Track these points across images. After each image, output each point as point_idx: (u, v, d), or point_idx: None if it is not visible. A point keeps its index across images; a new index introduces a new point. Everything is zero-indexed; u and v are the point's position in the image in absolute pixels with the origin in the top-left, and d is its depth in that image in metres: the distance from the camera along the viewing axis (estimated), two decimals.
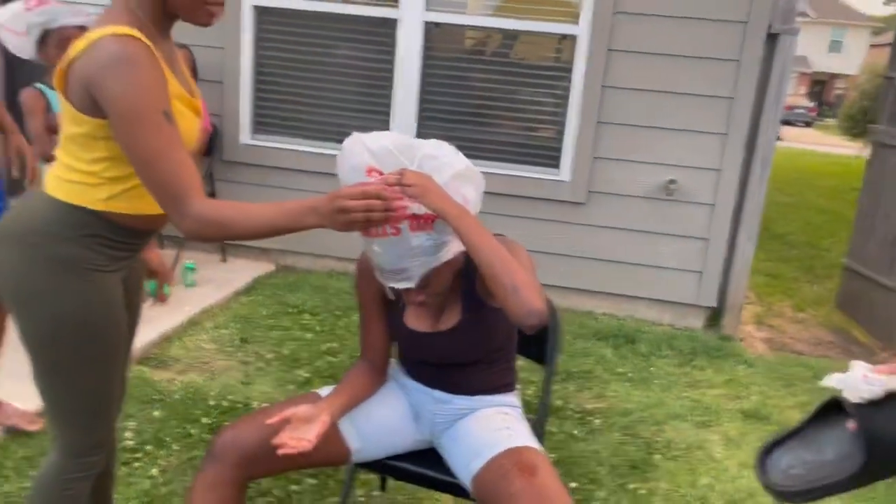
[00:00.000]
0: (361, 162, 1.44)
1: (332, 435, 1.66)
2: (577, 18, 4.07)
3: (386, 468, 1.82)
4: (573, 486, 2.53)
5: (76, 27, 2.68)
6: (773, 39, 3.92)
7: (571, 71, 4.14)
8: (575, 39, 4.10)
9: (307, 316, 3.84)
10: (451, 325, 1.68)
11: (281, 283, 4.31)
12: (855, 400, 1.16)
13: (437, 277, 1.56)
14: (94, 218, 1.41)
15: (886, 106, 4.80)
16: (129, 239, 1.48)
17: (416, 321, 1.72)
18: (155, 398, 2.85)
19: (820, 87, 45.86)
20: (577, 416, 3.05)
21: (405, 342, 1.77)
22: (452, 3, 4.24)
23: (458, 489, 1.70)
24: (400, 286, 1.54)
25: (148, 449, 2.50)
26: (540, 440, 1.75)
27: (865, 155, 5.39)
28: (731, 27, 3.91)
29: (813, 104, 36.19)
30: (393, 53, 4.29)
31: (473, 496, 1.61)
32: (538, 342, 1.93)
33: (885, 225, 4.60)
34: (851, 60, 41.99)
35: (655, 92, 4.05)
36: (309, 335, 3.61)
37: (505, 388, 1.80)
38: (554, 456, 2.70)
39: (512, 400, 1.80)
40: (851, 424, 1.17)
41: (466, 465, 1.64)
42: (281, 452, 1.49)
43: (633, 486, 2.58)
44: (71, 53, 1.32)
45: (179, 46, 1.69)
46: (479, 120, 4.36)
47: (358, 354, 1.84)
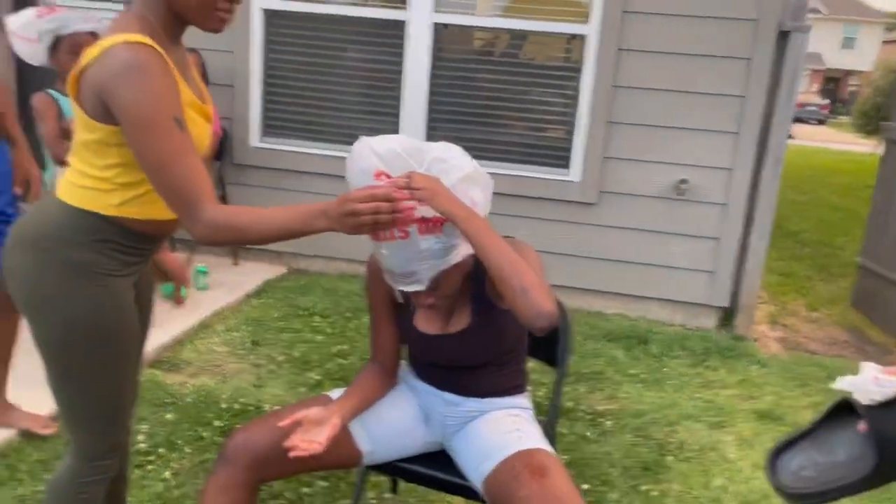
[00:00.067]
0: (370, 165, 1.45)
1: (342, 437, 1.66)
2: (586, 18, 4.06)
3: (397, 470, 1.82)
4: (585, 487, 2.52)
5: (87, 33, 2.71)
6: (784, 37, 3.89)
7: (581, 71, 4.13)
8: (584, 39, 4.09)
9: (318, 318, 3.84)
10: (460, 327, 1.68)
11: (292, 285, 4.32)
12: (865, 402, 1.15)
13: (446, 280, 1.55)
14: (106, 223, 1.42)
15: None
16: (140, 244, 1.49)
17: (425, 324, 1.72)
18: (167, 401, 2.86)
19: (833, 83, 45.53)
20: (588, 417, 3.04)
21: (415, 345, 1.77)
22: (460, 4, 4.24)
23: (469, 491, 1.70)
24: (409, 289, 1.54)
25: (161, 452, 2.51)
26: (551, 442, 1.74)
27: (879, 152, 5.35)
28: (741, 25, 3.89)
29: (826, 101, 35.92)
30: (401, 55, 4.30)
31: (484, 498, 1.61)
32: (549, 344, 1.92)
33: None
34: (865, 57, 41.63)
35: (666, 91, 4.03)
36: (320, 337, 3.61)
37: (515, 390, 1.79)
38: (566, 458, 2.69)
39: (522, 402, 1.80)
40: (862, 426, 1.16)
41: (477, 467, 1.64)
42: (292, 455, 1.50)
43: (645, 487, 2.57)
44: (83, 61, 1.33)
45: (189, 51, 1.70)
46: (488, 121, 4.36)
47: (368, 357, 1.84)
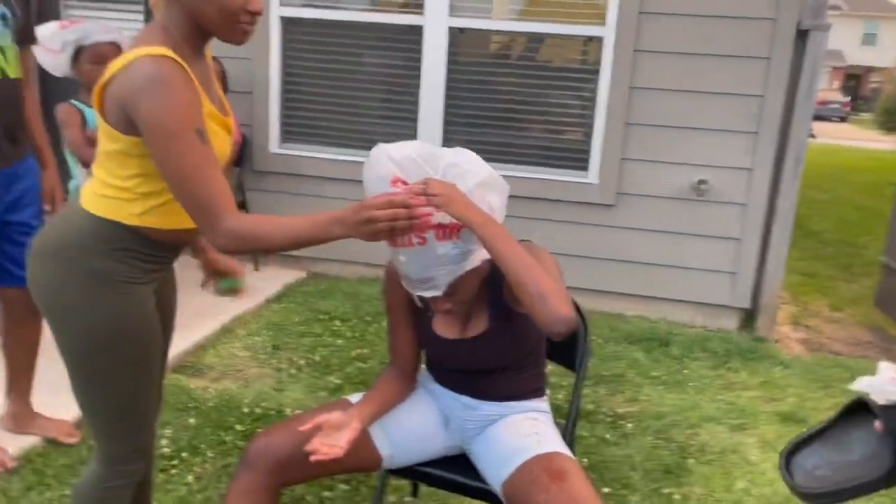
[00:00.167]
0: (387, 172, 1.46)
1: (363, 441, 1.67)
2: (602, 20, 4.05)
3: (417, 474, 1.83)
4: (606, 491, 2.52)
5: (108, 43, 2.75)
6: (803, 36, 3.86)
7: (598, 73, 4.12)
8: (601, 41, 4.08)
9: (338, 322, 3.87)
10: (478, 332, 1.69)
11: (312, 289, 4.35)
12: (882, 402, 1.14)
13: (463, 285, 1.56)
14: (127, 232, 1.45)
15: None
16: (160, 252, 1.51)
17: (443, 328, 1.73)
18: (190, 406, 2.89)
19: (854, 80, 44.98)
20: (609, 420, 3.03)
21: (433, 349, 1.78)
22: (476, 8, 4.25)
23: (489, 495, 1.70)
24: (427, 295, 1.55)
25: (184, 456, 2.54)
26: (570, 446, 1.74)
27: None
28: (759, 24, 3.86)
29: (847, 99, 35.52)
30: (419, 60, 4.31)
31: (504, 502, 1.61)
32: (567, 348, 1.92)
33: None
34: (886, 53, 41.08)
35: (684, 92, 4.01)
36: (340, 341, 3.64)
37: (534, 393, 1.79)
38: (586, 461, 2.68)
39: (541, 405, 1.80)
40: (878, 425, 1.15)
41: (496, 471, 1.64)
42: (313, 459, 1.51)
43: (666, 490, 2.55)
44: (108, 73, 1.36)
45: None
46: (505, 124, 4.36)
47: (388, 361, 1.85)
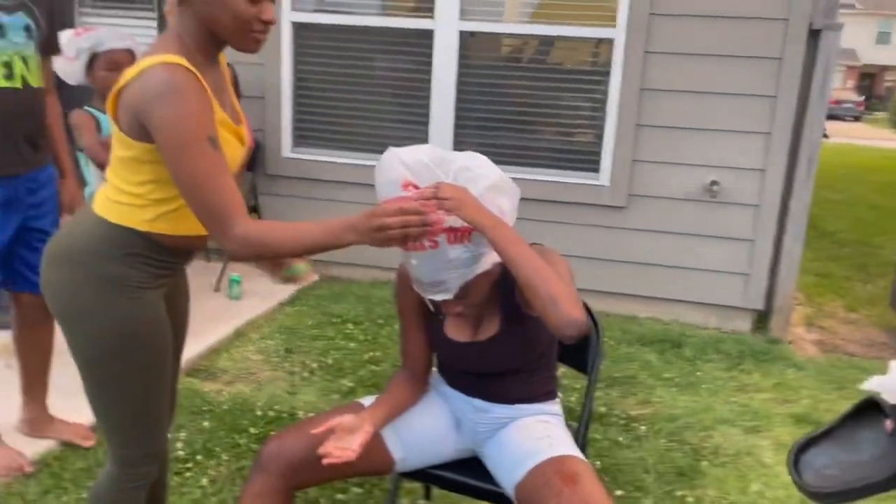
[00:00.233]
0: (398, 176, 1.47)
1: (375, 444, 1.68)
2: (613, 22, 4.05)
3: (429, 477, 1.83)
4: (619, 493, 2.51)
5: (123, 50, 2.78)
6: (815, 35, 3.84)
7: (609, 74, 4.11)
8: (611, 43, 4.07)
9: (350, 325, 3.88)
10: (489, 334, 1.69)
11: (325, 293, 4.37)
12: (893, 401, 1.13)
13: (474, 288, 1.57)
14: (138, 238, 1.47)
15: None
16: (171, 258, 1.53)
17: (455, 331, 1.73)
18: (204, 409, 2.91)
19: (868, 80, 44.62)
20: (621, 422, 3.02)
21: (444, 352, 1.78)
22: (487, 11, 4.26)
23: (501, 498, 1.70)
24: (438, 298, 1.55)
25: (198, 459, 2.56)
26: (583, 449, 1.74)
27: None
28: (771, 25, 3.84)
29: (861, 98, 35.24)
30: (429, 64, 4.32)
31: None
32: (579, 350, 1.92)
33: None
34: None
35: (695, 93, 4.00)
36: (352, 344, 3.65)
37: (546, 396, 1.79)
38: (599, 463, 2.68)
39: (553, 408, 1.80)
40: (889, 424, 1.14)
41: (509, 474, 1.64)
42: (326, 462, 1.52)
43: (680, 493, 2.55)
44: (122, 81, 1.38)
45: None
46: (516, 126, 4.36)
47: (400, 364, 1.86)
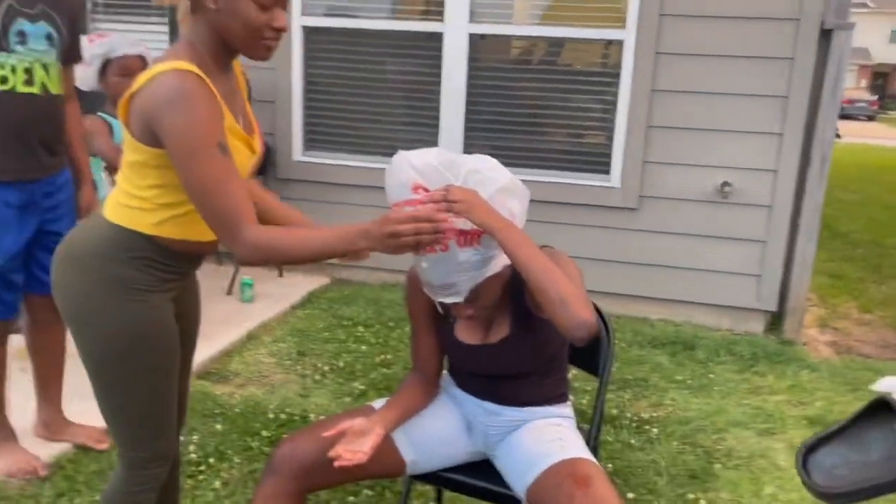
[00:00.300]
0: (408, 179, 1.47)
1: (386, 447, 1.68)
2: (622, 23, 4.04)
3: (440, 480, 1.83)
4: (631, 496, 2.50)
5: (135, 56, 2.81)
6: (827, 35, 3.82)
7: (619, 76, 4.11)
8: (621, 44, 4.06)
9: (361, 328, 3.89)
10: (500, 337, 1.69)
11: (336, 296, 4.38)
12: None
13: (485, 291, 1.57)
14: (145, 241, 1.48)
15: None
16: (177, 263, 1.54)
17: (465, 334, 1.73)
18: (216, 412, 2.92)
19: (882, 79, 44.30)
20: (633, 424, 3.01)
21: (455, 354, 1.78)
22: (496, 14, 4.26)
23: (513, 501, 1.70)
24: (448, 301, 1.56)
25: (211, 462, 2.57)
26: (594, 452, 1.74)
27: None
28: (782, 25, 3.83)
29: (875, 97, 34.98)
30: (439, 66, 4.33)
31: None
32: (590, 352, 1.92)
33: None
34: None
35: (706, 94, 3.99)
36: (363, 347, 3.66)
37: (557, 399, 1.79)
38: (611, 466, 2.67)
39: (564, 411, 1.80)
40: None
41: (520, 476, 1.64)
42: (337, 465, 1.52)
43: (692, 496, 2.53)
44: (134, 86, 1.40)
45: None
46: (527, 129, 4.36)
47: (411, 366, 1.86)
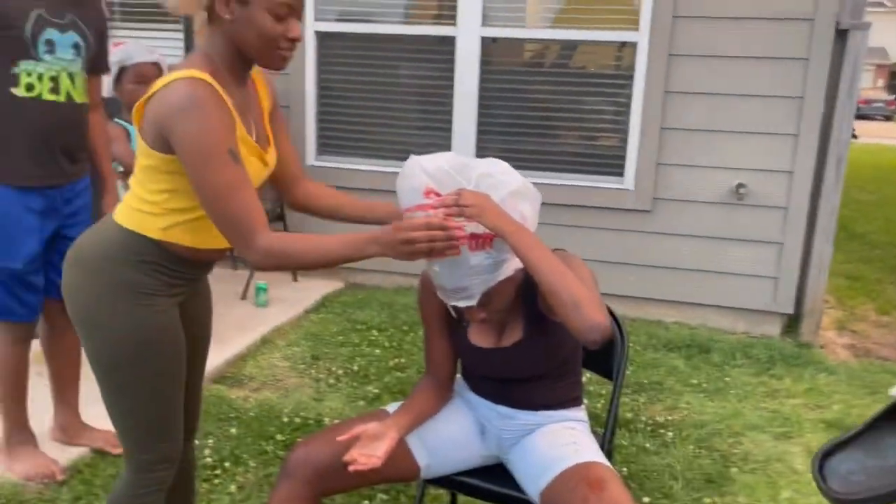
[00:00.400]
0: (420, 183, 1.48)
1: (400, 451, 1.68)
2: (636, 25, 4.03)
3: (455, 484, 1.83)
4: (646, 500, 2.49)
5: (150, 63, 2.84)
6: (842, 35, 3.79)
7: (632, 78, 4.09)
8: (635, 46, 4.05)
9: (375, 332, 3.90)
10: (513, 340, 1.69)
11: (349, 300, 4.39)
12: None
13: (497, 294, 1.57)
14: (152, 245, 1.49)
15: None
16: (184, 269, 1.55)
17: (479, 337, 1.73)
18: (231, 416, 2.94)
19: None
20: (648, 428, 3.00)
21: (468, 358, 1.78)
22: (508, 17, 4.26)
23: None
24: (461, 304, 1.56)
25: (226, 466, 2.58)
26: (608, 456, 1.73)
27: None
28: (796, 25, 3.80)
29: (892, 97, 34.63)
30: (452, 70, 4.34)
31: None
32: (604, 356, 1.91)
33: None
34: None
35: (720, 95, 3.97)
36: (377, 351, 3.66)
37: (571, 402, 1.79)
38: (626, 470, 2.66)
39: (578, 414, 1.79)
40: None
41: (534, 480, 1.64)
42: (352, 469, 1.53)
43: (708, 500, 2.51)
44: (149, 92, 1.41)
45: None
46: (540, 131, 4.36)
47: (424, 370, 1.86)
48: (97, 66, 2.43)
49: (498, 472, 1.80)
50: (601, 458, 1.63)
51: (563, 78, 4.27)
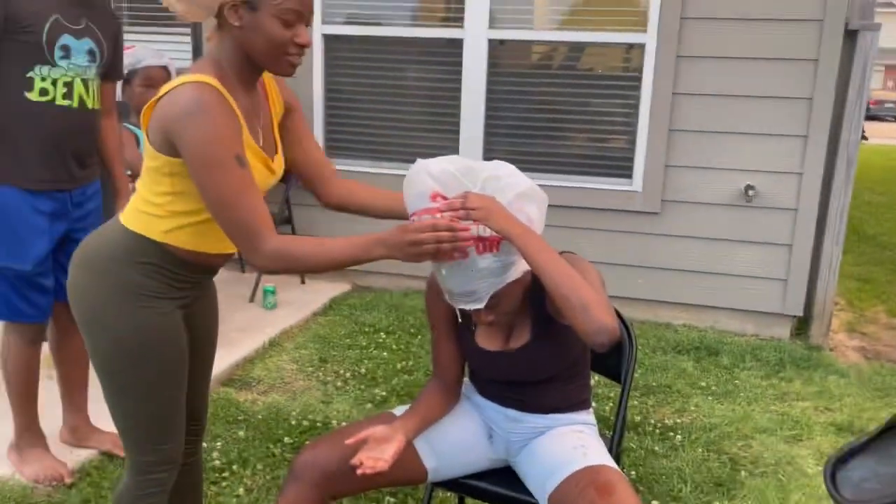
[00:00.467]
0: (426, 187, 1.47)
1: (408, 454, 1.68)
2: (644, 27, 4.02)
3: (462, 487, 1.83)
4: None
5: (159, 67, 2.86)
6: (852, 36, 3.77)
7: (640, 80, 4.09)
8: (643, 48, 4.04)
9: (383, 335, 3.90)
10: (521, 343, 1.68)
11: (357, 302, 4.40)
12: None
13: (505, 297, 1.56)
14: (154, 247, 1.50)
15: None
16: (185, 272, 1.56)
17: (486, 340, 1.73)
18: (239, 419, 2.94)
19: None
20: (657, 431, 2.98)
21: (476, 361, 1.78)
22: (516, 19, 4.26)
23: None
24: (469, 308, 1.55)
25: (234, 468, 2.59)
26: (616, 459, 1.72)
27: None
28: (806, 26, 3.78)
29: None
30: (459, 72, 4.34)
31: None
32: (613, 358, 1.90)
33: None
34: None
35: (729, 96, 3.95)
36: (385, 354, 3.66)
37: (579, 405, 1.78)
38: (634, 473, 2.65)
39: (586, 418, 1.79)
40: None
41: (542, 483, 1.63)
42: (359, 472, 1.53)
43: (717, 503, 2.50)
44: (157, 95, 1.42)
45: None
46: (547, 134, 4.35)
47: (432, 372, 1.86)
48: (111, 73, 2.46)
49: (505, 475, 1.80)
50: (609, 461, 1.63)
51: (570, 80, 4.26)
